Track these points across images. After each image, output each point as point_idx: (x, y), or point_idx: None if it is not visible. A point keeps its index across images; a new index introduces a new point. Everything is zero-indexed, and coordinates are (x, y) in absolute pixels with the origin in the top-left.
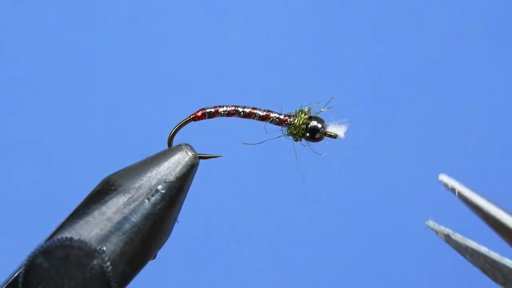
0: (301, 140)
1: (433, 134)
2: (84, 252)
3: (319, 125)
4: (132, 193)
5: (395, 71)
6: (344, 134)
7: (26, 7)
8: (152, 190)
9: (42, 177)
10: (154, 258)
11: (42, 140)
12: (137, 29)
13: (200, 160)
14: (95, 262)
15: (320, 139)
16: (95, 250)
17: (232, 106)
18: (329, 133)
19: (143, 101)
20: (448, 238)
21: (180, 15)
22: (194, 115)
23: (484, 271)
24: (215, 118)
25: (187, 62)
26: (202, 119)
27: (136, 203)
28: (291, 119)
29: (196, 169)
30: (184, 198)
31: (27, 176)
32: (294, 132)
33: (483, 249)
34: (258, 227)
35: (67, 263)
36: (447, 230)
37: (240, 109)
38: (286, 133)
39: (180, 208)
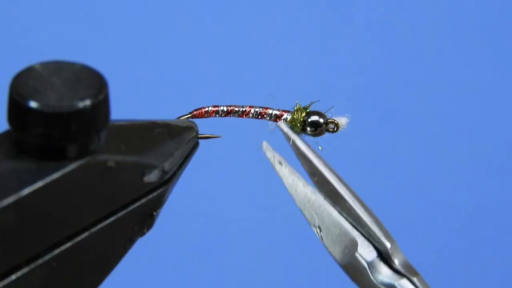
0: (302, 135)
1: (432, 134)
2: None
3: (321, 120)
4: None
5: (394, 71)
6: (346, 125)
7: (26, 6)
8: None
9: None
10: (149, 228)
11: None
12: (136, 28)
13: (199, 161)
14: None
15: (321, 133)
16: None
17: (229, 105)
18: (331, 120)
19: (142, 101)
20: (278, 167)
21: (180, 14)
22: (192, 114)
23: (302, 210)
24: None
25: (186, 62)
26: (200, 117)
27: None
28: (288, 114)
29: (195, 136)
30: (182, 154)
31: None
32: (293, 127)
33: (309, 188)
34: (256, 222)
35: (60, 69)
36: (281, 158)
37: (237, 108)
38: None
39: (179, 160)
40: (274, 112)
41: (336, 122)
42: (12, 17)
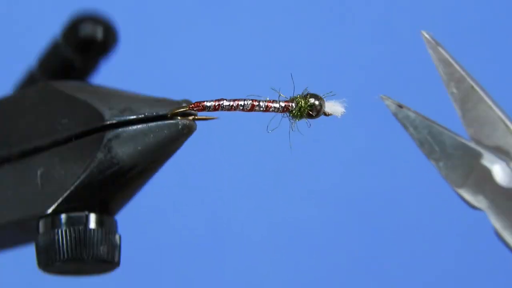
0: (299, 119)
1: None
2: None
3: (317, 102)
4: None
5: (395, 71)
6: (342, 111)
7: (26, 6)
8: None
9: None
10: None
11: None
12: (136, 28)
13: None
14: None
15: (317, 116)
16: None
17: (233, 99)
18: (327, 112)
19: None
20: (398, 109)
21: (179, 12)
22: (190, 107)
23: (422, 144)
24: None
25: (186, 59)
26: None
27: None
28: (293, 104)
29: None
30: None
31: None
32: (296, 115)
33: (431, 120)
34: (255, 223)
35: None
36: (399, 102)
37: (242, 102)
38: (288, 115)
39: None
40: (280, 104)
41: (328, 113)
42: (12, 17)
